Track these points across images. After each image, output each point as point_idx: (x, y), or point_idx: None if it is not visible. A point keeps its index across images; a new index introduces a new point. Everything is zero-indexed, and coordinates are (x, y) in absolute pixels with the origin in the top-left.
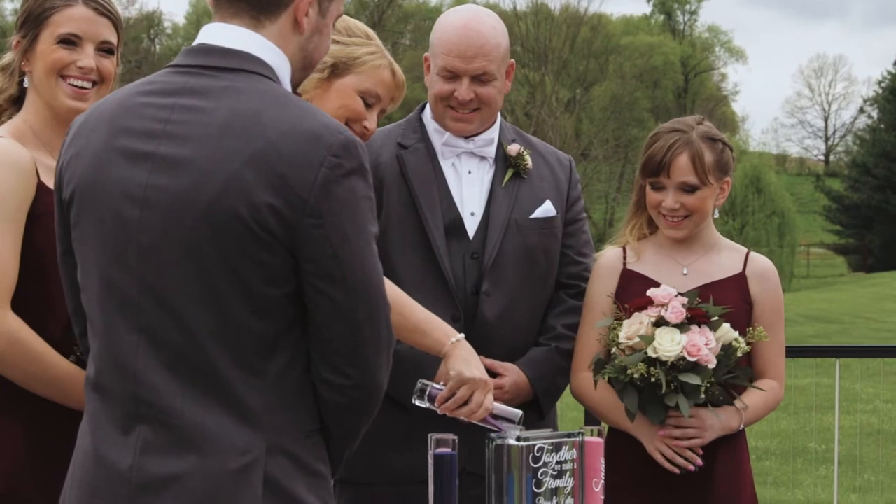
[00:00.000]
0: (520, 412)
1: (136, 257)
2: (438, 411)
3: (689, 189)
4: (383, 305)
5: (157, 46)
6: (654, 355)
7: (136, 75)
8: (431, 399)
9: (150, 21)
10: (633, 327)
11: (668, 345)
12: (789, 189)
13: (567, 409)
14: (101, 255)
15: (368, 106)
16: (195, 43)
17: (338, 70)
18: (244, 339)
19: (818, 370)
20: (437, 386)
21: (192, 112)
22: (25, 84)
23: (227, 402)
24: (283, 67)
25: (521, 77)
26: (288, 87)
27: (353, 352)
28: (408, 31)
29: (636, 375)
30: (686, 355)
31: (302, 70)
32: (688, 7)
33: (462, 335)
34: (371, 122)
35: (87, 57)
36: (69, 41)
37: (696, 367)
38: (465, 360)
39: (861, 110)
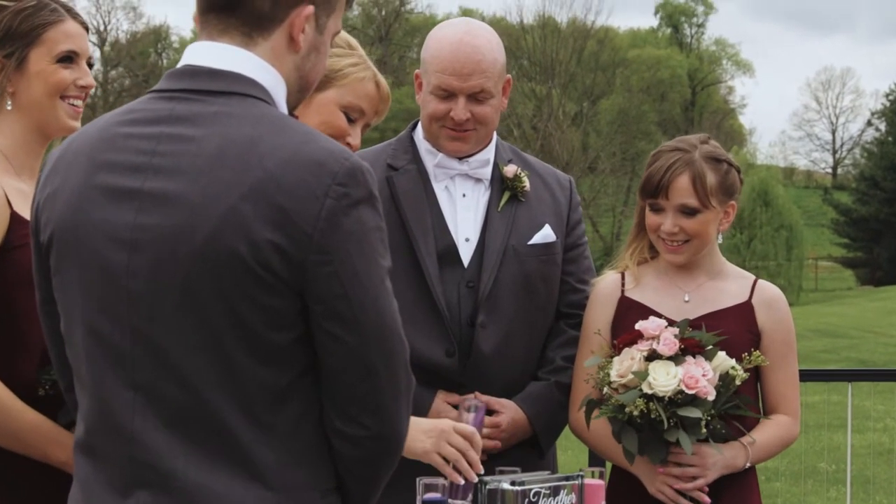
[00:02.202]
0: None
1: (126, 306)
2: (460, 497)
3: (689, 212)
4: (400, 348)
5: (165, 60)
6: (649, 391)
7: (143, 89)
8: (445, 491)
9: (158, 35)
10: (624, 364)
11: (664, 379)
12: (797, 202)
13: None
14: (86, 304)
15: (351, 121)
16: (180, 64)
17: (318, 84)
18: (251, 390)
19: (828, 387)
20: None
21: (180, 142)
22: (8, 107)
23: (236, 462)
24: (278, 89)
25: (528, 90)
26: (284, 109)
27: (370, 400)
28: (415, 44)
29: (635, 413)
30: (684, 388)
31: (298, 92)
32: (695, 20)
33: None
34: (355, 137)
35: (86, 74)
36: (69, 59)
37: (694, 401)
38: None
39: (869, 123)
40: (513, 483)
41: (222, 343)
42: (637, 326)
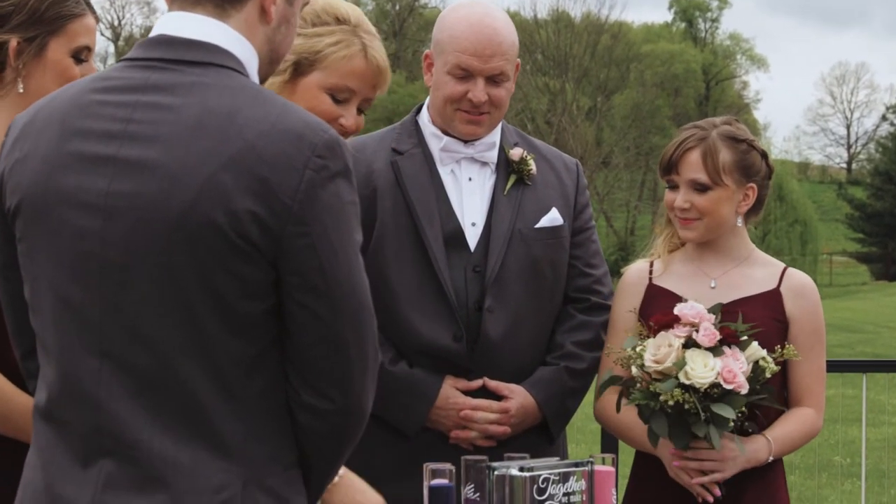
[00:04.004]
0: None
1: (97, 273)
2: None
3: (700, 188)
4: (370, 322)
5: None
6: (686, 381)
7: None
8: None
9: None
10: (662, 349)
11: (702, 370)
12: (811, 197)
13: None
14: (55, 271)
15: (340, 101)
16: (154, 34)
17: (301, 68)
18: (222, 360)
19: (843, 380)
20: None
21: (157, 110)
22: (20, 90)
23: (202, 433)
24: (251, 61)
25: (542, 85)
26: (257, 81)
27: (338, 373)
28: (429, 39)
29: (670, 402)
30: (722, 382)
31: (269, 64)
32: (709, 15)
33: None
34: (348, 118)
35: (92, 71)
36: (83, 53)
37: (728, 395)
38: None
39: (883, 118)
40: (521, 469)
41: (195, 312)
42: (675, 311)
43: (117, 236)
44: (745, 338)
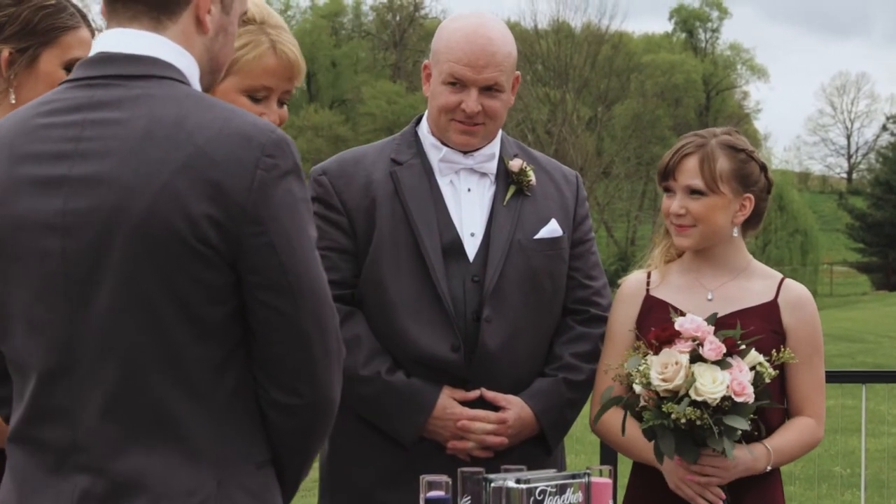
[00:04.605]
0: None
1: (62, 292)
2: None
3: (696, 193)
4: (331, 315)
5: None
6: (697, 398)
7: None
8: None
9: None
10: (669, 368)
11: (711, 386)
12: (812, 207)
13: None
14: (21, 296)
15: (259, 100)
16: (93, 52)
17: None
18: (189, 365)
19: (843, 391)
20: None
21: (105, 126)
22: (12, 101)
23: (173, 439)
24: (192, 71)
25: (542, 95)
26: (199, 90)
27: (304, 368)
28: (429, 49)
29: (682, 420)
30: (733, 396)
31: (210, 73)
32: (709, 25)
33: None
34: (270, 115)
35: None
36: (74, 66)
37: (737, 406)
38: None
39: (884, 128)
40: (518, 481)
41: (160, 320)
42: (676, 326)
43: (78, 253)
44: (743, 346)
